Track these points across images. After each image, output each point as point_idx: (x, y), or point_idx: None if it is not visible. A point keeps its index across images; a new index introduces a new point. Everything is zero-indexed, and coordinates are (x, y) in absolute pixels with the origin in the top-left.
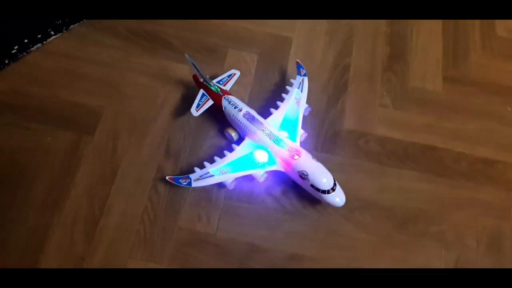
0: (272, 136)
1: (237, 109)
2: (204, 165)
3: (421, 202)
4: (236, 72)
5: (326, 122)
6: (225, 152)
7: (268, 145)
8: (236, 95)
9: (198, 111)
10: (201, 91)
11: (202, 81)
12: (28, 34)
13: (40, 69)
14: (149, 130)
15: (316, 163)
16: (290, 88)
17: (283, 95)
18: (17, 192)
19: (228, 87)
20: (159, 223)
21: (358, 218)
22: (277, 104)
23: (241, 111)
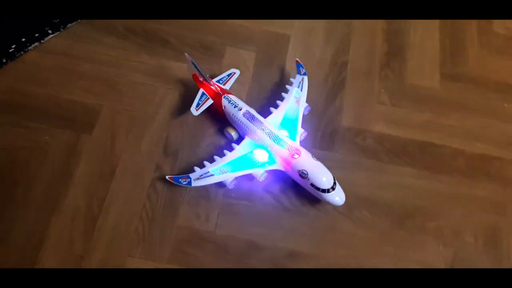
0: (272, 135)
1: (237, 108)
2: (204, 164)
3: (419, 198)
4: (236, 71)
5: (324, 119)
6: (225, 152)
7: (268, 144)
8: (234, 93)
9: (198, 110)
10: (201, 90)
11: (202, 80)
12: (25, 33)
13: (38, 68)
14: (147, 129)
15: (316, 162)
16: (290, 87)
17: (283, 94)
18: (16, 191)
19: (228, 86)
20: (157, 221)
21: (356, 215)
22: (277, 103)
23: (241, 110)
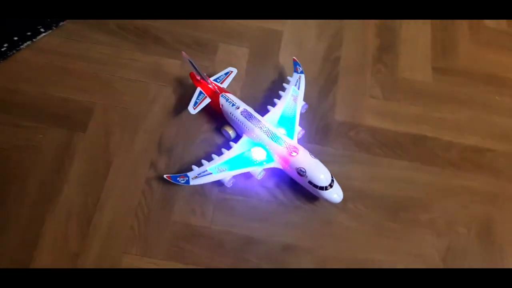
0: (269, 134)
1: (235, 107)
2: (202, 163)
3: (412, 190)
4: (233, 69)
5: (318, 114)
6: (222, 150)
7: (266, 143)
8: (229, 89)
9: (195, 109)
10: (198, 89)
11: (199, 78)
12: (17, 31)
13: (30, 66)
14: (141, 126)
15: (314, 160)
16: (287, 86)
17: (280, 93)
18: (10, 190)
19: (225, 84)
20: (153, 218)
21: (351, 207)
22: (274, 102)
23: (238, 108)
